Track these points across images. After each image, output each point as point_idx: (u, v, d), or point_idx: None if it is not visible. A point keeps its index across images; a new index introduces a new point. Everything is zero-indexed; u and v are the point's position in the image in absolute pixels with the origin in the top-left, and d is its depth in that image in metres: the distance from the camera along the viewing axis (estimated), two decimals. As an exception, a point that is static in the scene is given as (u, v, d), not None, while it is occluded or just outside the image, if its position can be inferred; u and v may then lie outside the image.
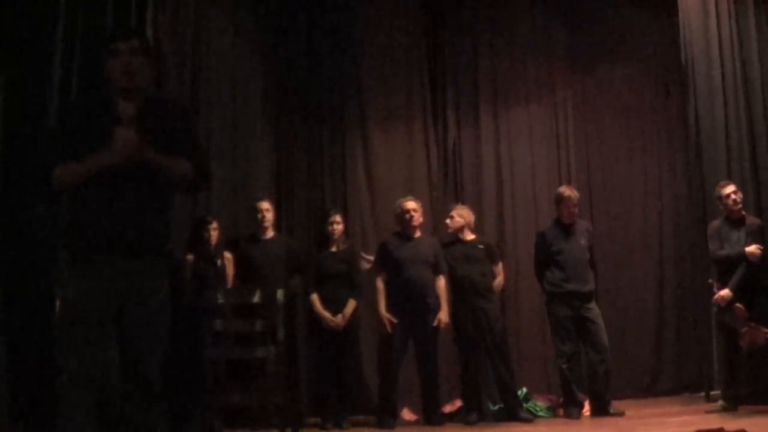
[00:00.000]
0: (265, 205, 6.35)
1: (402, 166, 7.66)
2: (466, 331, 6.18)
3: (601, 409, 6.07)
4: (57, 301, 3.91)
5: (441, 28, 7.94)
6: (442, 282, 6.21)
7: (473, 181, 7.76)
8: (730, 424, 4.71)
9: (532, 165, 7.81)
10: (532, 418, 6.12)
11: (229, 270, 6.15)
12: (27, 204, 4.12)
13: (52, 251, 4.07)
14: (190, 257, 5.98)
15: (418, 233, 6.32)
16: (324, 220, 6.42)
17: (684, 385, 7.58)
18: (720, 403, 6.00)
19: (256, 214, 6.31)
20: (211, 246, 6.03)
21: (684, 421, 5.46)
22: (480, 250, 6.36)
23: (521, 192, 7.76)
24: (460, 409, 6.31)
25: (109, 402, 2.84)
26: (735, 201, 6.04)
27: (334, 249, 6.30)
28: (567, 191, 6.47)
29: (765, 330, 5.77)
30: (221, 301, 5.09)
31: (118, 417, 2.86)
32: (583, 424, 5.88)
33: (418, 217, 6.30)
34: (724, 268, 6.03)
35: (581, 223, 6.47)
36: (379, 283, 6.19)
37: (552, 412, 6.39)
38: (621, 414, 6.01)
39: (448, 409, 6.40)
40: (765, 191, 6.49)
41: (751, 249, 5.88)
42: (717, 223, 6.17)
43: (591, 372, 6.19)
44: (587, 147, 8.04)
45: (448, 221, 6.51)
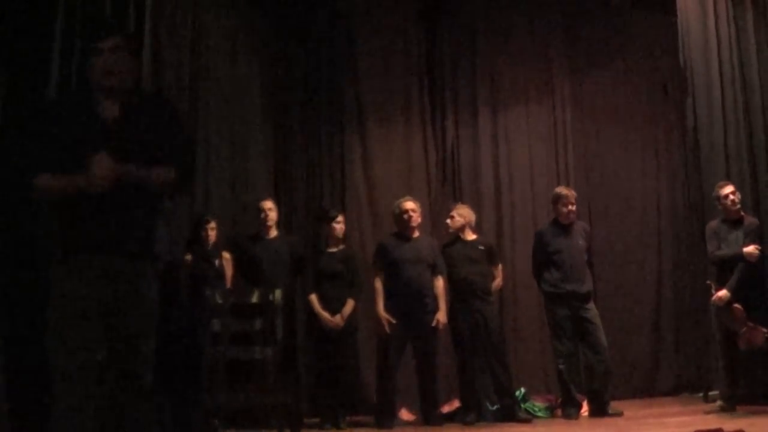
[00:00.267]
0: (268, 204, 6.35)
1: (400, 166, 7.66)
2: (463, 332, 6.19)
3: (599, 410, 6.07)
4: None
5: (439, 29, 7.95)
6: (440, 282, 6.21)
7: (471, 181, 7.77)
8: (729, 425, 4.71)
9: (530, 165, 7.82)
10: (531, 418, 6.12)
11: (228, 270, 6.14)
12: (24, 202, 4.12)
13: (49, 249, 4.06)
14: (189, 257, 5.98)
15: (416, 233, 6.32)
16: (323, 220, 6.41)
17: (682, 386, 7.60)
18: (718, 403, 6.00)
19: (259, 213, 6.31)
20: (209, 245, 6.03)
21: (682, 421, 5.46)
22: (480, 251, 6.36)
23: (519, 192, 7.76)
24: (458, 410, 6.31)
25: (101, 400, 2.83)
26: (733, 201, 6.04)
27: (333, 249, 6.30)
28: (564, 190, 6.48)
29: (763, 330, 5.77)
30: (220, 301, 5.09)
31: (111, 415, 2.85)
32: (582, 425, 5.88)
33: (416, 218, 6.30)
34: (722, 269, 6.02)
35: (579, 224, 6.47)
36: (378, 284, 6.19)
37: (550, 412, 6.39)
38: (619, 414, 6.01)
39: (447, 409, 6.40)
40: (763, 191, 6.48)
41: (750, 249, 5.88)
42: (715, 223, 6.17)
43: (589, 372, 6.19)
44: (585, 147, 8.05)
45: (449, 221, 6.51)
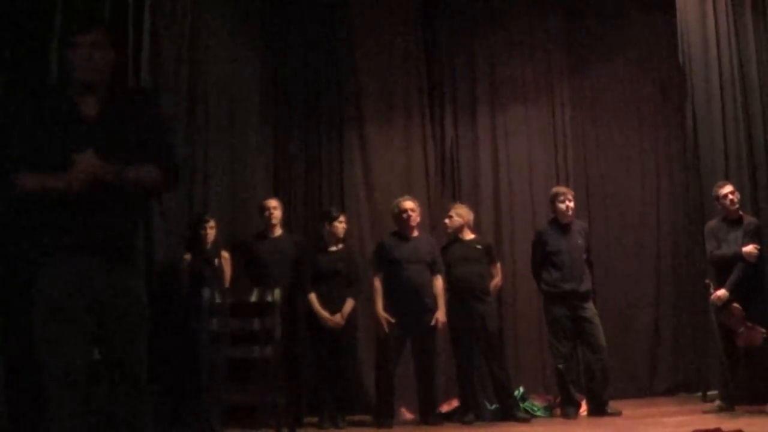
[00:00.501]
0: (272, 203, 6.36)
1: (399, 165, 7.66)
2: (461, 331, 6.19)
3: (598, 409, 6.07)
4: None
5: (438, 28, 7.93)
6: (439, 282, 6.21)
7: (471, 180, 7.76)
8: (727, 424, 4.72)
9: (529, 165, 7.81)
10: (529, 417, 6.12)
11: (227, 269, 6.14)
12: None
13: (32, 249, 4.04)
14: (188, 256, 5.98)
15: (415, 233, 6.32)
16: (325, 220, 6.39)
17: (681, 385, 7.59)
18: (717, 403, 6.00)
19: (264, 212, 6.32)
20: (208, 245, 6.03)
21: (681, 421, 5.47)
22: (478, 250, 6.36)
23: (518, 191, 7.76)
24: (457, 409, 6.31)
25: (94, 401, 2.82)
26: (732, 201, 6.05)
27: (333, 248, 6.30)
28: (561, 188, 6.51)
29: (762, 330, 5.77)
30: (218, 300, 5.08)
31: (105, 415, 2.84)
32: (580, 424, 5.88)
33: (415, 217, 6.30)
34: (721, 268, 6.03)
35: (578, 223, 6.47)
36: (377, 283, 6.19)
37: (549, 411, 6.39)
38: (618, 414, 6.02)
39: (446, 408, 6.40)
40: (762, 191, 6.48)
41: (749, 249, 5.89)
42: (714, 222, 6.18)
43: (588, 372, 6.19)
44: (585, 146, 8.04)
45: (447, 221, 6.51)
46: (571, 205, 6.32)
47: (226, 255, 6.15)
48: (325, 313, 6.07)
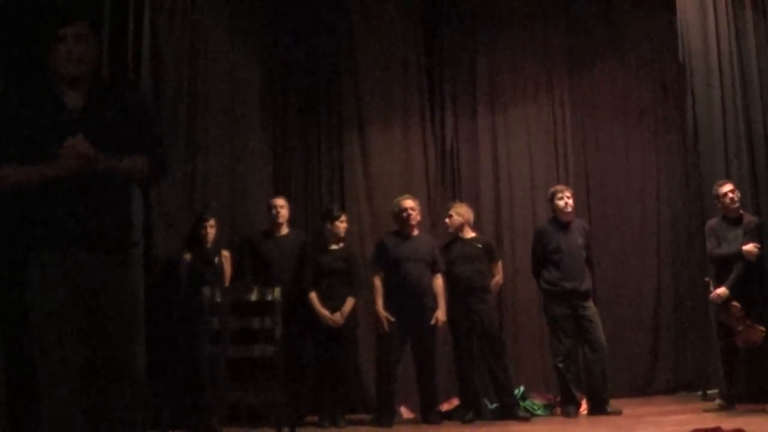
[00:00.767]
0: (279, 201, 6.38)
1: (399, 164, 7.66)
2: (461, 330, 6.19)
3: (598, 408, 6.07)
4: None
5: (438, 27, 7.93)
6: (439, 280, 6.21)
7: (471, 180, 7.76)
8: (727, 423, 4.71)
9: (529, 164, 7.81)
10: (530, 416, 6.13)
11: (227, 268, 6.15)
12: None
13: (21, 246, 4.02)
14: (188, 255, 5.99)
15: (415, 232, 6.32)
16: (327, 219, 6.40)
17: (681, 384, 7.59)
18: (717, 401, 6.01)
19: (270, 210, 6.34)
20: (208, 244, 6.04)
21: (681, 419, 5.47)
22: (479, 249, 6.36)
23: (519, 191, 7.75)
24: (457, 408, 6.32)
25: (90, 399, 2.81)
26: (732, 200, 6.05)
27: (333, 247, 6.30)
28: (559, 186, 6.53)
29: (761, 328, 5.77)
30: (219, 299, 5.09)
31: (99, 411, 2.83)
32: (581, 423, 5.89)
33: (415, 216, 6.30)
34: (721, 267, 6.03)
35: (578, 222, 6.48)
36: (377, 282, 6.19)
37: (549, 410, 6.39)
38: (618, 413, 6.02)
39: (446, 407, 6.40)
40: (762, 190, 6.48)
41: (749, 247, 5.89)
42: (714, 221, 6.18)
43: (588, 370, 6.20)
44: (585, 145, 8.03)
45: (447, 220, 6.51)
46: (570, 202, 6.32)
47: (226, 254, 6.16)
48: (325, 312, 6.07)
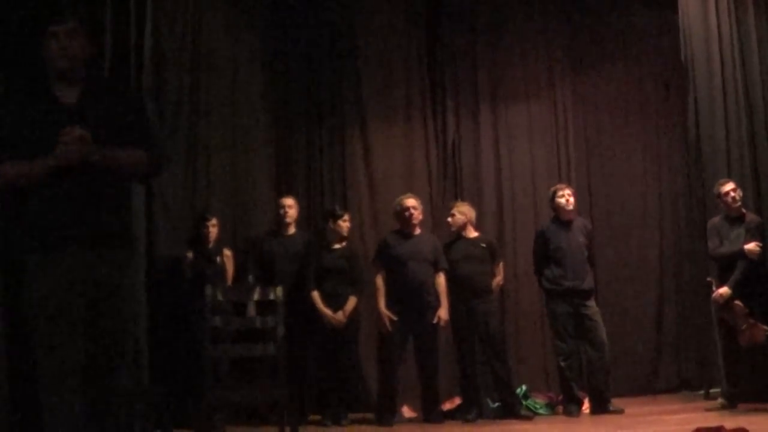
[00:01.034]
0: (288, 201, 6.39)
1: (401, 163, 7.66)
2: (463, 329, 6.19)
3: (600, 407, 6.07)
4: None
5: (440, 26, 7.93)
6: (441, 279, 6.21)
7: (473, 178, 7.76)
8: (730, 422, 4.70)
9: (531, 163, 7.81)
10: (532, 415, 6.13)
11: (229, 267, 6.16)
12: None
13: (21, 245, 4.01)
14: (190, 254, 5.99)
15: (417, 231, 6.32)
16: (330, 218, 6.40)
17: (683, 383, 7.59)
18: (719, 400, 6.00)
19: (279, 209, 6.35)
20: (210, 243, 6.04)
21: (683, 418, 5.47)
22: (482, 248, 6.35)
23: (521, 190, 7.75)
24: (459, 407, 6.32)
25: (89, 397, 2.82)
26: (734, 198, 6.04)
27: (336, 246, 6.30)
28: (561, 184, 6.54)
29: (764, 327, 5.77)
30: (221, 298, 5.09)
31: (97, 412, 2.84)
32: (583, 422, 5.88)
33: (417, 215, 6.30)
34: (723, 266, 6.02)
35: (579, 220, 6.48)
36: (379, 281, 6.19)
37: (551, 409, 6.40)
38: (620, 411, 6.01)
39: (448, 406, 6.40)
40: (764, 188, 6.48)
41: (751, 246, 5.88)
42: (716, 220, 6.17)
43: (590, 369, 6.19)
44: (587, 144, 8.03)
45: (450, 219, 6.50)
46: (571, 200, 6.32)
47: (228, 253, 6.17)
48: (327, 311, 6.08)
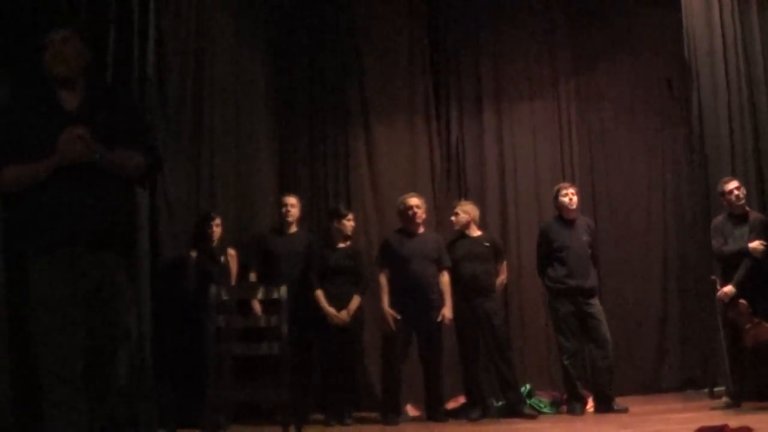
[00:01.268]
0: (291, 200, 6.40)
1: (405, 162, 7.66)
2: (467, 328, 6.19)
3: (604, 405, 6.07)
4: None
5: (443, 24, 7.93)
6: (445, 278, 6.21)
7: (476, 177, 7.76)
8: (734, 421, 4.70)
9: (535, 161, 7.81)
10: (536, 414, 6.12)
11: (233, 266, 6.16)
12: None
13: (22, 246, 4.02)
14: (194, 254, 6.00)
15: (421, 229, 6.32)
16: (335, 217, 6.40)
17: (688, 382, 7.58)
18: (724, 399, 5.99)
19: (281, 208, 6.36)
20: (213, 242, 6.05)
21: (687, 417, 5.46)
22: (486, 247, 6.35)
23: (524, 188, 7.75)
24: (463, 406, 6.31)
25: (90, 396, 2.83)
26: (738, 197, 6.03)
27: (340, 245, 6.31)
28: (564, 183, 6.56)
29: (768, 326, 5.76)
30: (225, 297, 5.10)
31: (96, 411, 2.85)
32: (587, 420, 5.88)
33: (421, 214, 6.30)
34: (727, 264, 6.01)
35: (583, 219, 6.48)
36: (383, 279, 6.19)
37: (555, 408, 6.39)
38: (624, 410, 6.01)
39: (452, 405, 6.40)
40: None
41: (755, 245, 5.87)
42: (720, 218, 6.16)
43: (594, 368, 6.19)
44: (590, 143, 8.03)
45: (453, 218, 6.50)
46: (575, 198, 6.31)
47: (232, 252, 6.17)
48: (331, 310, 6.08)
